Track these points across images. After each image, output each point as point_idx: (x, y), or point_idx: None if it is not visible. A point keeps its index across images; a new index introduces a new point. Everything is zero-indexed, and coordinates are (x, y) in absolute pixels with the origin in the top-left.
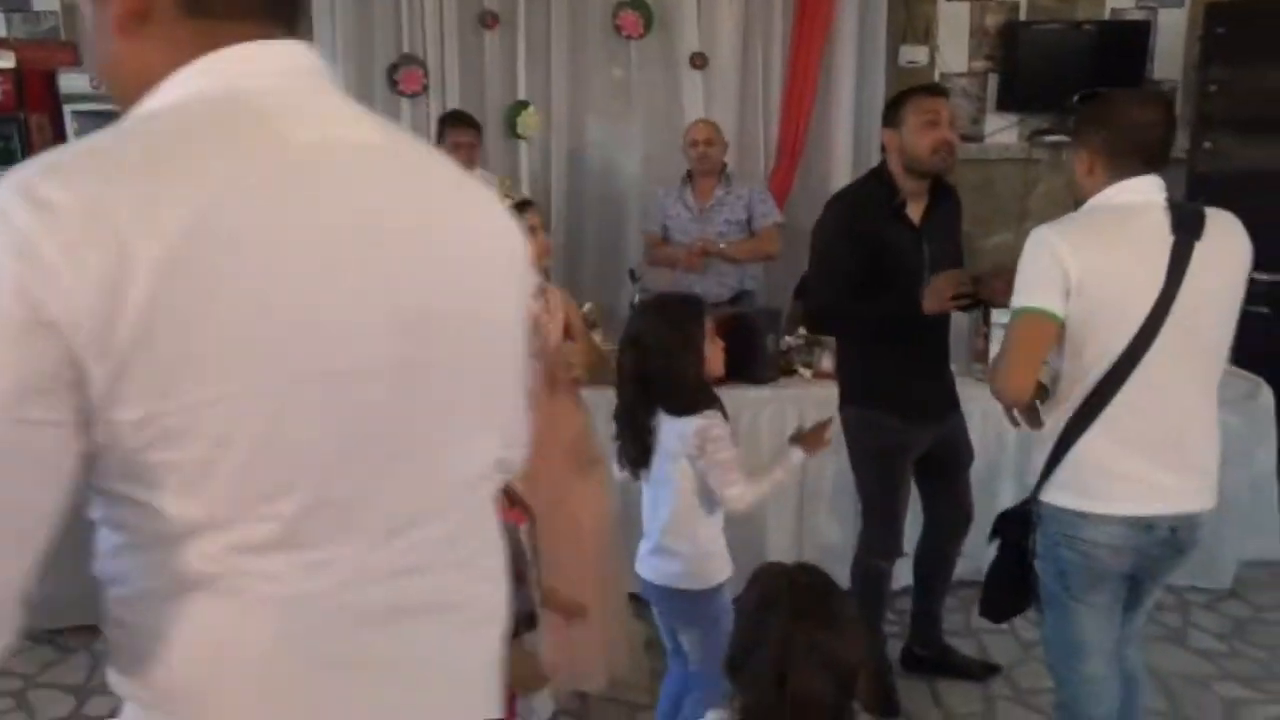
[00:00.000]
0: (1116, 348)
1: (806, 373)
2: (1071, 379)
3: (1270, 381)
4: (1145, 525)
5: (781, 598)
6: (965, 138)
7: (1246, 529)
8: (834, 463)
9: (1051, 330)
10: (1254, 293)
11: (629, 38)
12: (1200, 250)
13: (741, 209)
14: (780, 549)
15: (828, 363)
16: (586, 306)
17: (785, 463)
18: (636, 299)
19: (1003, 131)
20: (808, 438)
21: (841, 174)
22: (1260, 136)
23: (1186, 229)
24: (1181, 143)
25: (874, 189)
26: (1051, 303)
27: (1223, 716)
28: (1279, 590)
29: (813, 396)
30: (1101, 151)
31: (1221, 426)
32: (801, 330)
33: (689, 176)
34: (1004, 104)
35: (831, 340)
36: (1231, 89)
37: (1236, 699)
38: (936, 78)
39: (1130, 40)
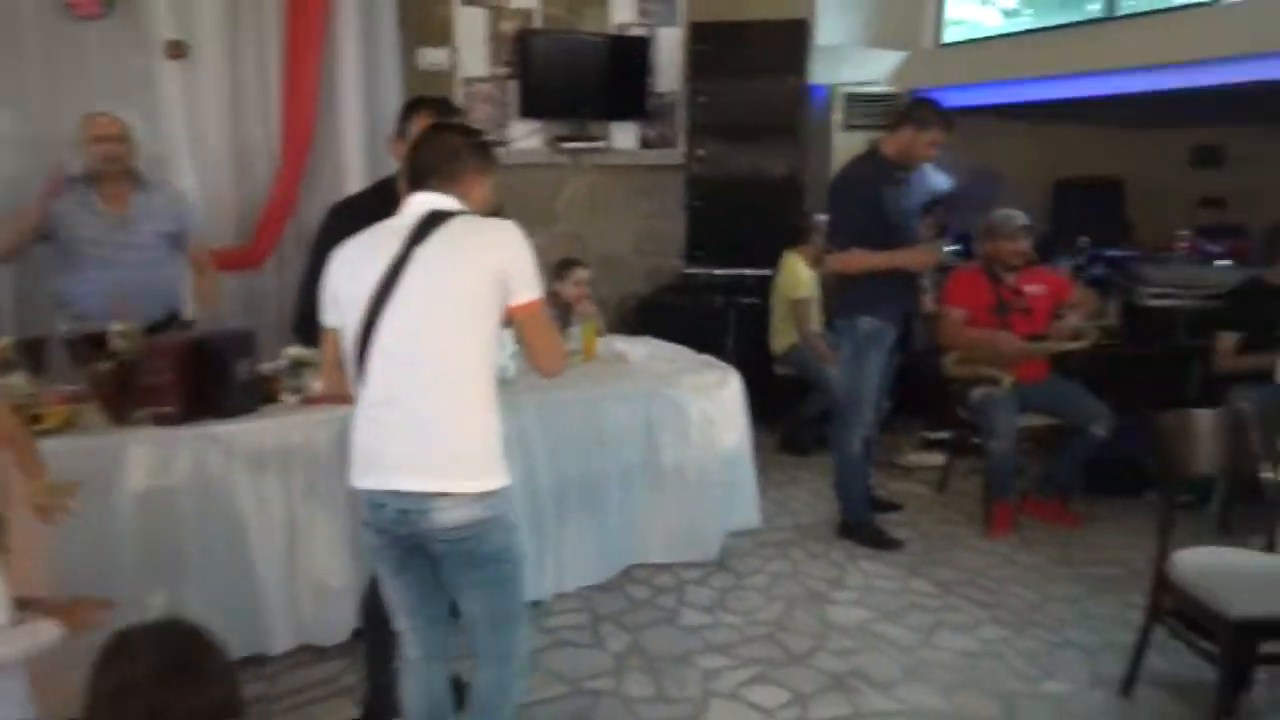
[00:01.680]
0: (351, 341)
1: (293, 399)
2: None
3: (759, 366)
4: (377, 502)
5: (141, 672)
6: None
7: (728, 503)
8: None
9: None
10: (745, 286)
11: (84, 18)
12: (423, 254)
13: (171, 220)
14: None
15: (319, 385)
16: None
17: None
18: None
19: (527, 137)
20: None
21: (354, 180)
22: (743, 144)
23: (415, 238)
24: (681, 150)
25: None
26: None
27: (700, 689)
28: (758, 557)
29: (299, 424)
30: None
31: (698, 411)
32: (291, 351)
33: (90, 179)
34: (527, 110)
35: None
36: (716, 101)
37: (713, 669)
38: (459, 83)
39: (634, 54)
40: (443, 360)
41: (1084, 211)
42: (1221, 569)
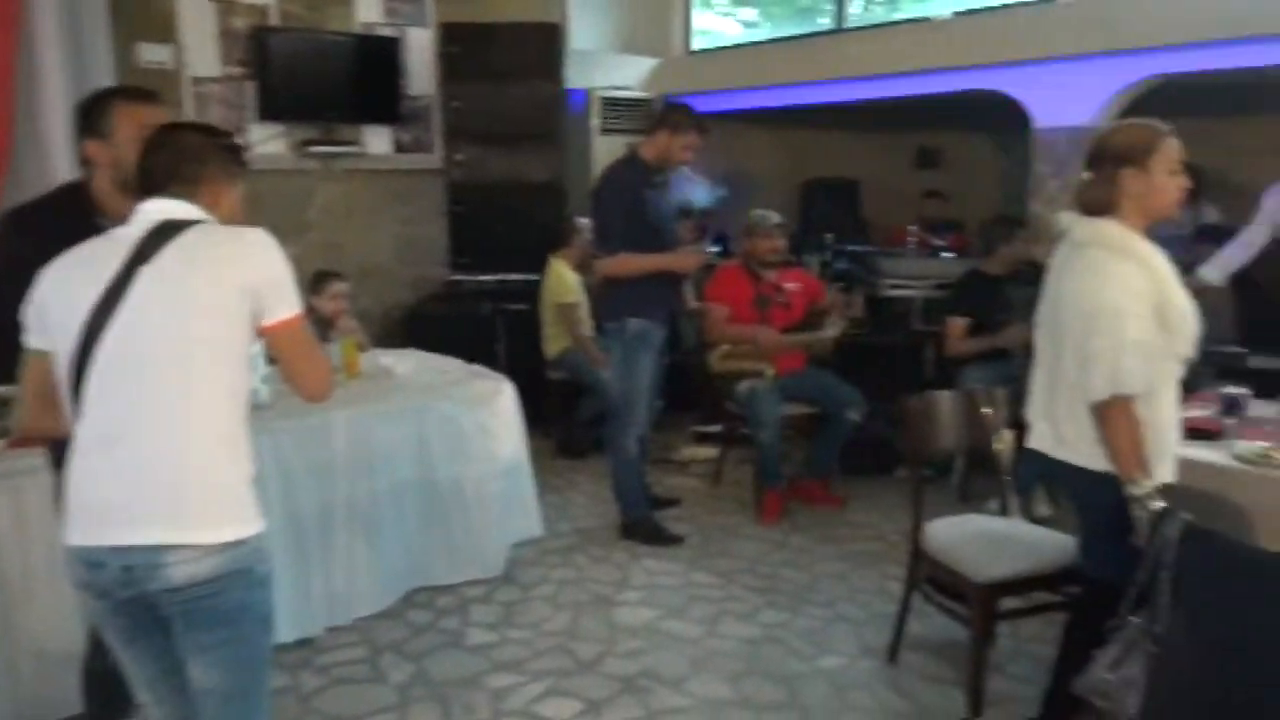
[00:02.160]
0: (64, 371)
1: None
2: None
3: (532, 372)
4: (94, 560)
5: None
6: None
7: (510, 515)
8: None
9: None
10: (513, 292)
11: None
12: (153, 269)
13: None
14: None
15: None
16: None
17: None
18: None
19: (269, 141)
20: None
21: (61, 180)
22: (502, 148)
23: (143, 251)
24: (439, 154)
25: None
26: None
27: (490, 711)
28: (543, 566)
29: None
30: None
31: (472, 424)
32: None
33: None
34: (267, 113)
35: None
36: (472, 104)
37: (503, 688)
38: (188, 82)
39: (383, 55)
40: (175, 390)
41: (828, 210)
42: (966, 537)
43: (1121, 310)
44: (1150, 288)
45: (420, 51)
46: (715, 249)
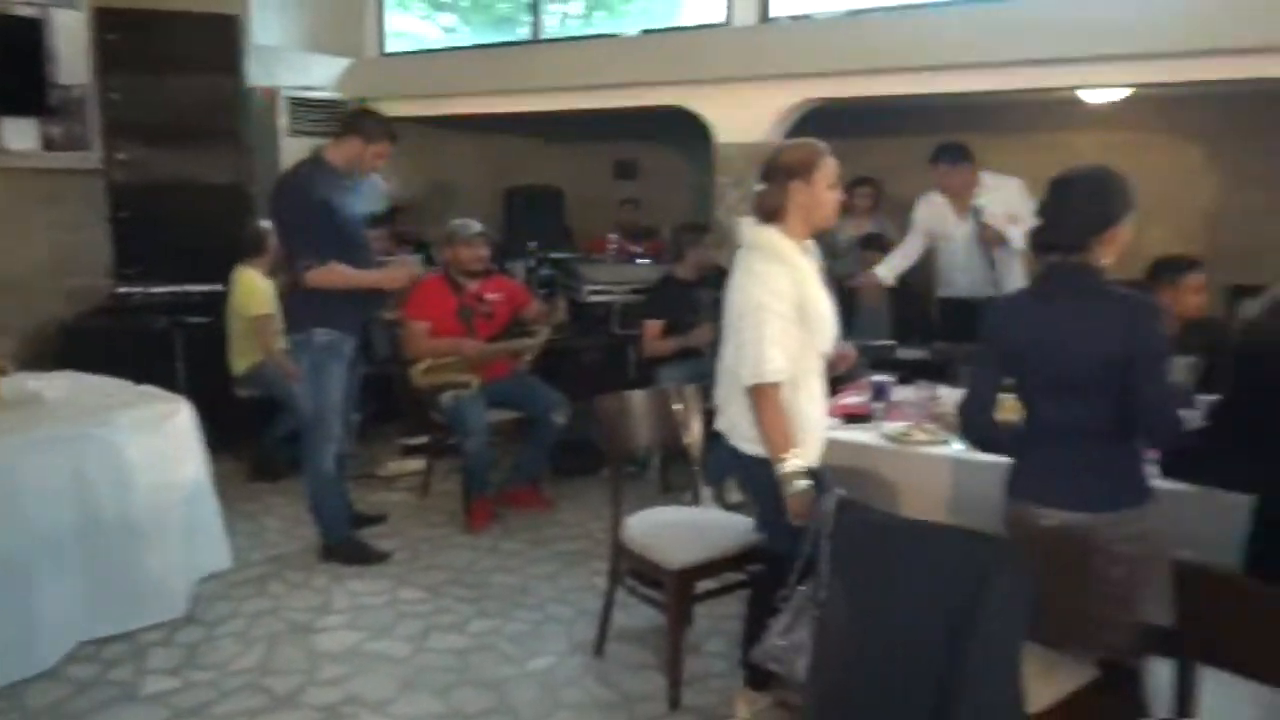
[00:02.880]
0: None
1: None
2: None
3: (218, 390)
4: None
5: None
6: None
7: (192, 548)
8: None
9: None
10: (192, 304)
11: None
12: None
13: None
14: None
15: None
16: None
17: None
18: None
19: None
20: None
21: None
22: (174, 148)
23: None
24: (97, 153)
25: None
26: None
27: None
28: (232, 600)
29: None
30: None
31: (141, 451)
32: None
33: None
34: None
35: None
36: (136, 98)
37: None
38: None
39: (24, 39)
40: None
41: (532, 218)
42: (661, 527)
43: (764, 307)
44: (793, 289)
45: (70, 36)
46: (417, 257)
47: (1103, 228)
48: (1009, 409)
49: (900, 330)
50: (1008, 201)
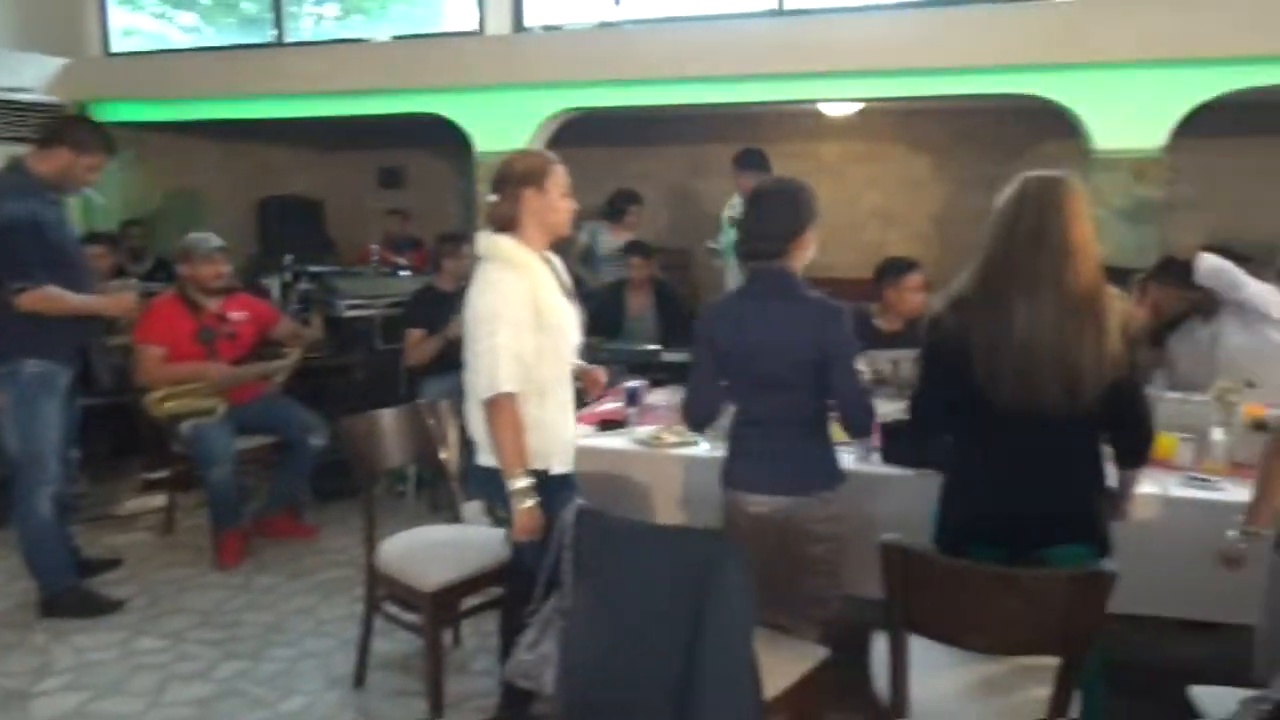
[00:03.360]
0: None
1: None
2: None
3: None
4: None
5: None
6: None
7: None
8: None
9: None
10: None
11: None
12: None
13: None
14: None
15: None
16: None
17: None
18: None
19: None
20: None
21: None
22: None
23: None
24: None
25: None
26: None
27: None
28: None
29: None
30: None
31: None
32: None
33: None
34: None
35: None
36: None
37: None
38: None
39: None
40: None
41: (289, 230)
42: (418, 548)
43: (497, 316)
44: (529, 297)
45: None
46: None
47: (797, 233)
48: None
49: (669, 334)
50: None
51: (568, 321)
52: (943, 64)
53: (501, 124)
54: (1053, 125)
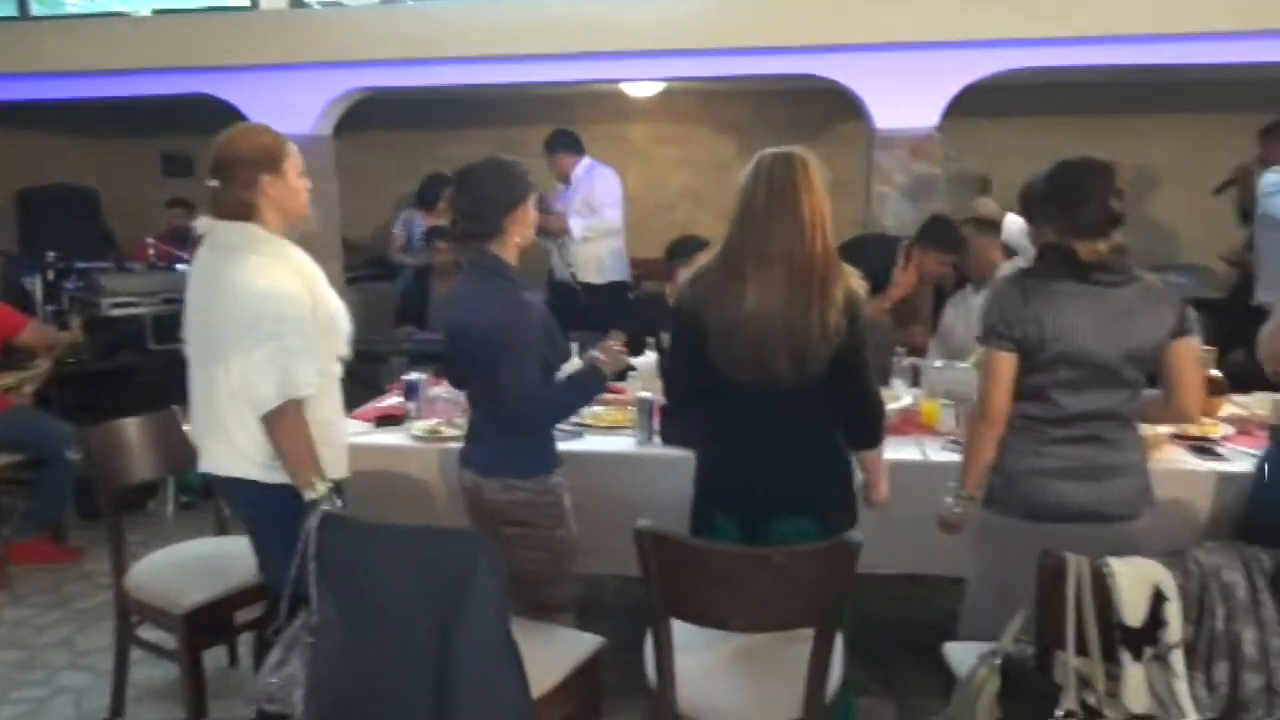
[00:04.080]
0: None
1: None
2: None
3: None
4: None
5: None
6: None
7: None
8: None
9: None
10: None
11: None
12: None
13: None
14: None
15: None
16: None
17: None
18: None
19: None
20: None
21: None
22: None
23: None
24: None
25: None
26: None
27: None
28: None
29: None
30: None
31: None
32: None
33: None
34: None
35: None
36: None
37: None
38: None
39: None
40: None
41: (56, 224)
42: (175, 566)
43: (285, 315)
44: (305, 292)
45: None
46: None
47: (510, 208)
48: None
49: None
50: (588, 193)
51: (340, 314)
52: (731, 44)
53: (282, 107)
54: (846, 106)
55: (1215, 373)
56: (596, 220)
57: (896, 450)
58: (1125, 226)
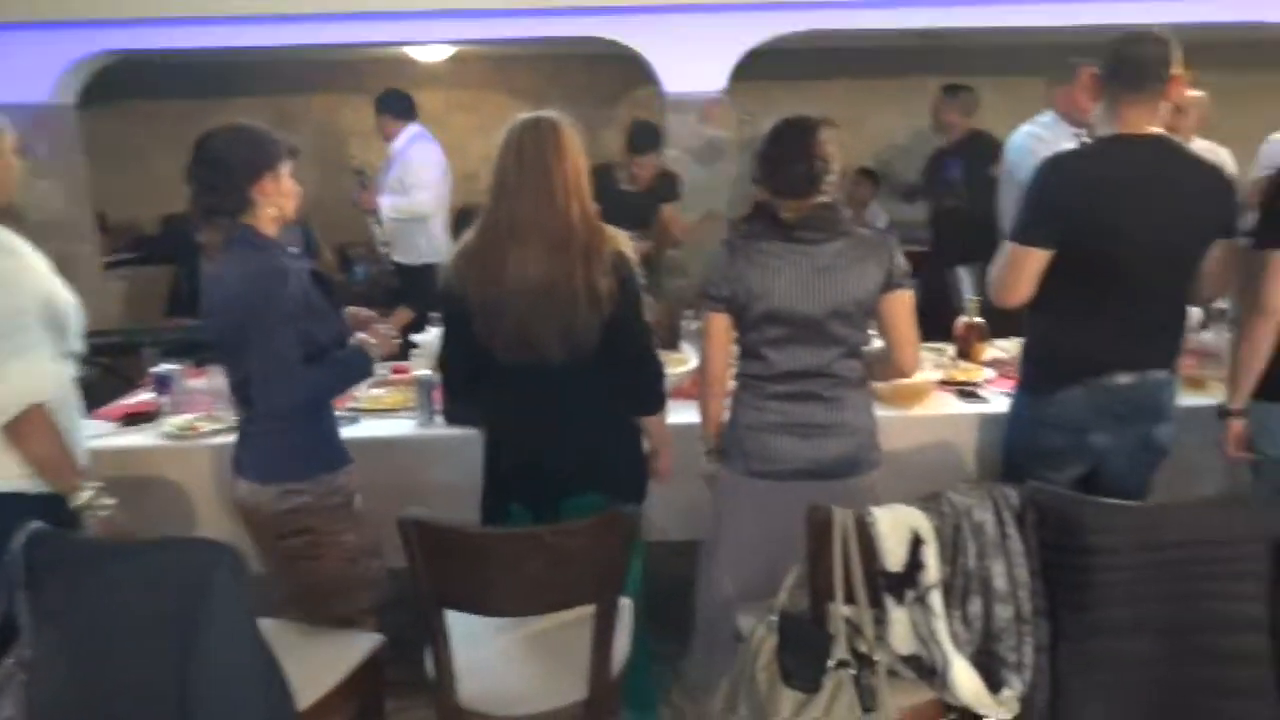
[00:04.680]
0: None
1: None
2: None
3: None
4: None
5: None
6: None
7: None
8: None
9: None
10: None
11: None
12: None
13: None
14: None
15: None
16: None
17: None
18: None
19: None
20: None
21: None
22: None
23: None
24: None
25: None
26: None
27: None
28: None
29: None
30: None
31: None
32: None
33: None
34: None
35: None
36: None
37: None
38: None
39: None
40: None
41: None
42: None
43: (23, 311)
44: (40, 286)
45: None
46: None
47: (256, 176)
48: None
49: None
50: (402, 170)
51: (75, 312)
52: (516, 5)
53: (12, 72)
54: (642, 71)
55: (978, 319)
56: (404, 202)
57: (684, 413)
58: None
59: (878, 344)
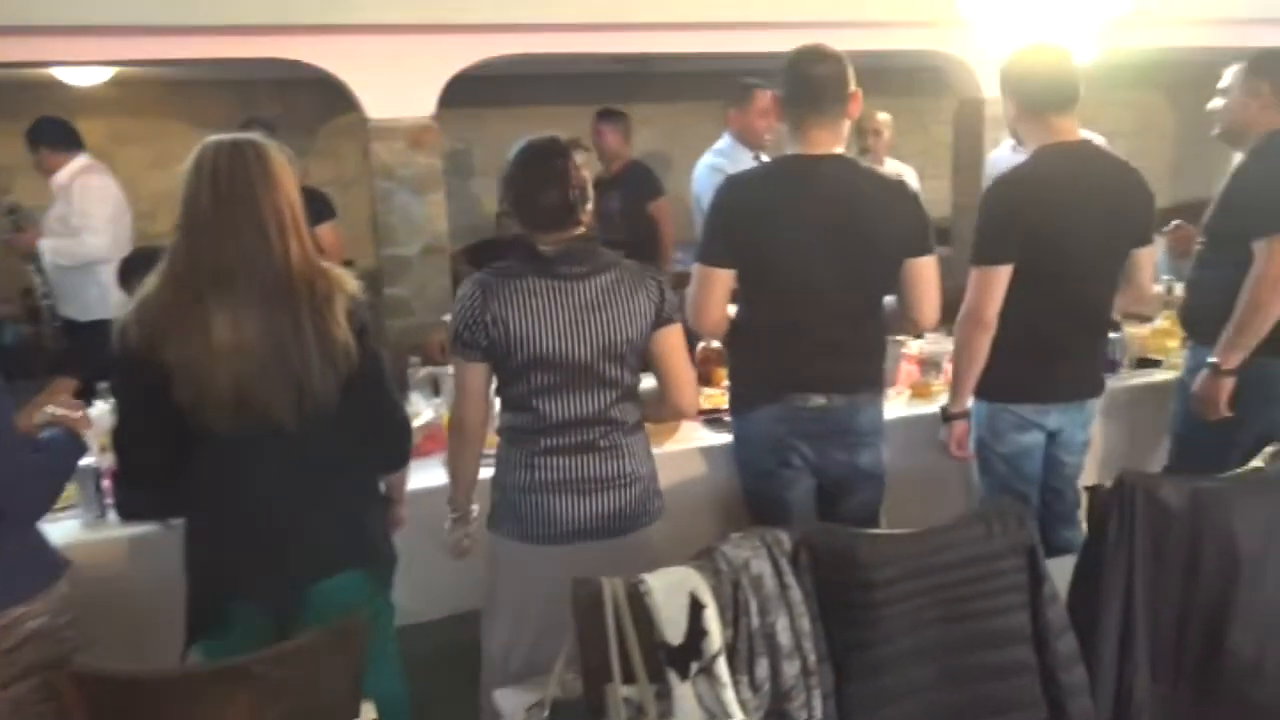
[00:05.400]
0: None
1: None
2: None
3: None
4: None
5: None
6: None
7: None
8: None
9: None
10: None
11: None
12: None
13: None
14: None
15: None
16: None
17: None
18: None
19: None
20: None
21: None
22: None
23: None
24: None
25: None
26: None
27: None
28: None
29: None
30: None
31: None
32: None
33: None
34: None
35: None
36: None
37: None
38: None
39: None
40: None
41: None
42: None
43: None
44: None
45: None
46: None
47: None
48: None
49: None
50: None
51: None
52: (182, 21)
53: None
54: (343, 98)
55: (715, 344)
56: (72, 243)
57: (421, 475)
58: None
59: (648, 384)
